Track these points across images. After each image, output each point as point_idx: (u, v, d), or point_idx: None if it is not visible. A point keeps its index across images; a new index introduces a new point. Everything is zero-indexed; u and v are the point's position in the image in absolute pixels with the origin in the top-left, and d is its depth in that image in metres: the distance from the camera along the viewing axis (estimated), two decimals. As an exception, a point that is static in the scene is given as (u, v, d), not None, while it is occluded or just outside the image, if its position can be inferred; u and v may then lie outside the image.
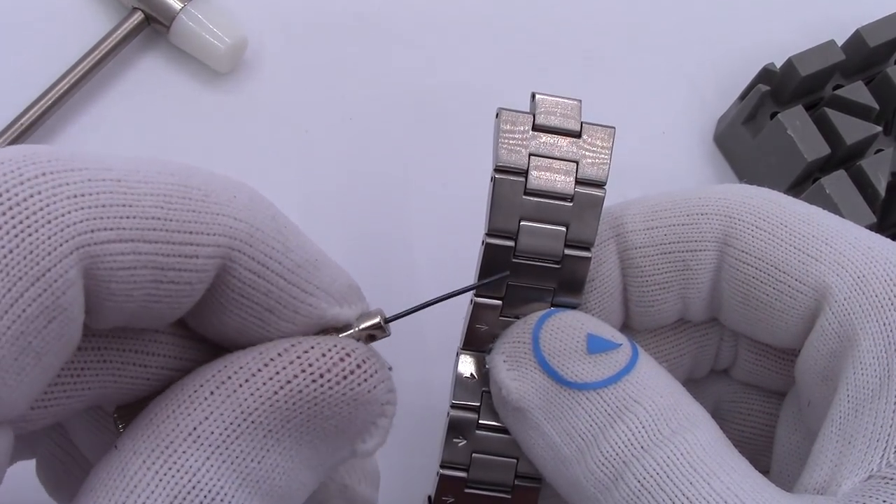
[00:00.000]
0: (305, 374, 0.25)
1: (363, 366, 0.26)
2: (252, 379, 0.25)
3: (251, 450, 0.24)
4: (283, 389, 0.25)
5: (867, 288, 0.29)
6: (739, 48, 0.54)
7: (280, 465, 0.25)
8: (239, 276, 0.25)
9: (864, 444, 0.27)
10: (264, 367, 0.25)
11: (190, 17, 0.48)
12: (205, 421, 0.24)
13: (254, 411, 0.24)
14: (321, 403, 0.25)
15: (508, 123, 0.30)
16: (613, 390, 0.29)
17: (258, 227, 0.25)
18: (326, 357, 0.26)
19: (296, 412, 0.25)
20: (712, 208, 0.32)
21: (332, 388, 0.25)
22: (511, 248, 0.31)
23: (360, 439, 0.27)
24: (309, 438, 0.26)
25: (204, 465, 0.24)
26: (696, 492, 0.26)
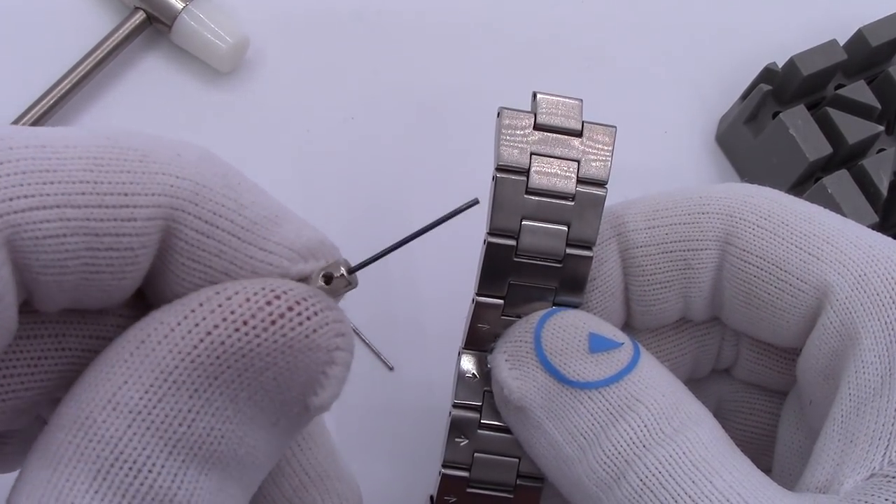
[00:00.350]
0: (227, 323, 0.22)
1: (296, 308, 0.23)
2: (170, 335, 0.22)
3: (177, 413, 0.22)
4: (204, 343, 0.22)
5: (868, 286, 0.29)
6: (741, 47, 0.54)
7: (216, 428, 0.22)
8: (186, 237, 0.23)
9: (866, 442, 0.27)
10: (183, 319, 0.22)
11: (192, 16, 0.48)
12: (123, 386, 0.22)
13: (174, 370, 0.22)
14: (250, 354, 0.22)
15: (510, 122, 0.30)
16: (615, 389, 0.29)
17: (205, 184, 0.23)
18: (251, 301, 0.22)
19: (222, 367, 0.22)
20: (713, 207, 0.32)
21: (260, 335, 0.22)
22: (513, 247, 0.31)
23: (311, 392, 0.24)
24: (246, 395, 0.23)
25: (125, 434, 0.22)
26: (699, 490, 0.26)
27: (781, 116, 0.48)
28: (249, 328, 0.22)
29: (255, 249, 0.24)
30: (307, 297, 0.23)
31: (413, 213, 0.48)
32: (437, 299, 0.47)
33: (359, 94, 0.51)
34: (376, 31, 0.52)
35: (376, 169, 0.49)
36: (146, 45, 0.50)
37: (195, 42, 0.48)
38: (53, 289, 0.22)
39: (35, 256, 0.21)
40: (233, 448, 0.23)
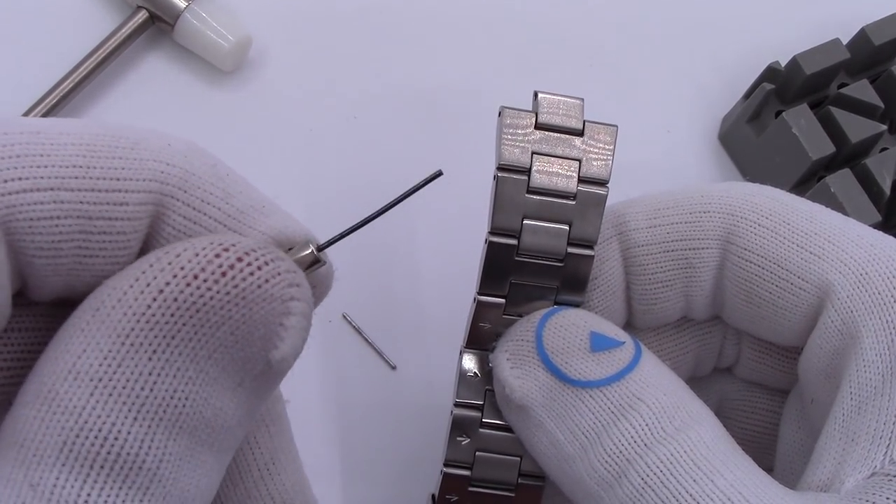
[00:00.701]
0: (177, 280, 0.21)
1: (245, 258, 0.22)
2: (123, 298, 0.21)
3: (137, 376, 0.21)
4: (157, 301, 0.21)
5: (870, 285, 0.29)
6: (744, 46, 0.54)
7: (179, 390, 0.22)
8: (174, 223, 0.23)
9: (868, 441, 0.27)
10: (135, 281, 0.22)
11: (194, 15, 0.48)
12: (82, 355, 0.21)
13: (130, 332, 0.21)
14: (204, 309, 0.22)
15: (511, 122, 0.30)
16: (616, 388, 0.29)
17: (194, 172, 0.24)
18: (199, 256, 0.22)
19: (177, 325, 0.22)
20: (715, 206, 0.32)
21: (211, 287, 0.22)
22: (514, 246, 0.31)
23: (271, 346, 0.23)
24: (206, 353, 0.22)
25: (88, 402, 0.21)
26: (700, 489, 0.26)
27: (784, 115, 0.47)
28: (200, 282, 0.22)
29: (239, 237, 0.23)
30: (256, 248, 0.23)
31: (415, 211, 0.48)
32: (439, 298, 0.47)
33: (361, 94, 0.51)
34: (379, 30, 0.52)
35: (379, 167, 0.49)
36: (149, 44, 0.50)
37: (198, 41, 0.48)
38: (48, 273, 0.22)
39: (30, 238, 0.22)
40: (198, 410, 0.22)
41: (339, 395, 0.44)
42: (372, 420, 0.44)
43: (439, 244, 0.48)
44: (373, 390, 0.45)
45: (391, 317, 0.46)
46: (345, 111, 0.50)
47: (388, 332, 0.46)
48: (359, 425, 0.44)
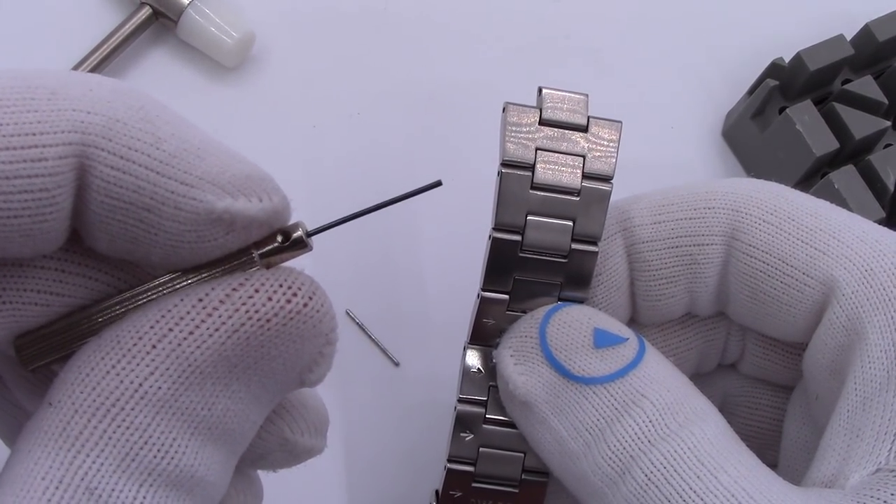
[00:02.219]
0: (252, 322, 0.23)
1: (310, 303, 0.24)
2: (196, 331, 0.23)
3: (200, 399, 0.23)
4: (231, 339, 0.23)
5: (875, 281, 0.29)
6: (748, 43, 0.54)
7: (230, 409, 0.24)
8: (101, 174, 0.22)
9: (872, 437, 0.27)
10: (208, 317, 0.23)
11: (198, 11, 0.48)
12: (150, 377, 0.23)
13: (201, 363, 0.23)
14: (268, 345, 0.24)
15: (515, 118, 0.30)
16: (620, 384, 0.29)
17: (118, 118, 0.23)
18: (273, 301, 0.24)
19: (243, 357, 0.24)
20: (719, 202, 0.32)
21: (280, 330, 0.24)
22: (518, 242, 0.31)
23: (307, 370, 0.25)
24: (258, 379, 0.24)
25: (153, 420, 0.23)
26: (704, 485, 0.26)
27: (788, 111, 0.47)
28: (273, 324, 0.24)
29: (175, 184, 0.23)
30: (315, 293, 0.24)
31: (419, 209, 0.48)
32: (443, 295, 0.47)
33: (365, 90, 0.51)
34: (382, 26, 0.52)
35: (382, 164, 0.49)
36: (152, 40, 0.50)
37: (201, 37, 0.48)
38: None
39: None
40: (240, 424, 0.25)
41: (343, 391, 0.44)
42: (376, 416, 0.44)
43: (443, 241, 0.48)
44: (376, 387, 0.45)
45: (395, 314, 0.46)
46: (348, 107, 0.50)
47: (392, 329, 0.46)
48: (362, 421, 0.44)
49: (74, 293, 0.25)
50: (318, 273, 0.46)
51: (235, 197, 0.24)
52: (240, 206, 0.24)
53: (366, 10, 0.52)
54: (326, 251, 0.47)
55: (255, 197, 0.24)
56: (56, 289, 0.25)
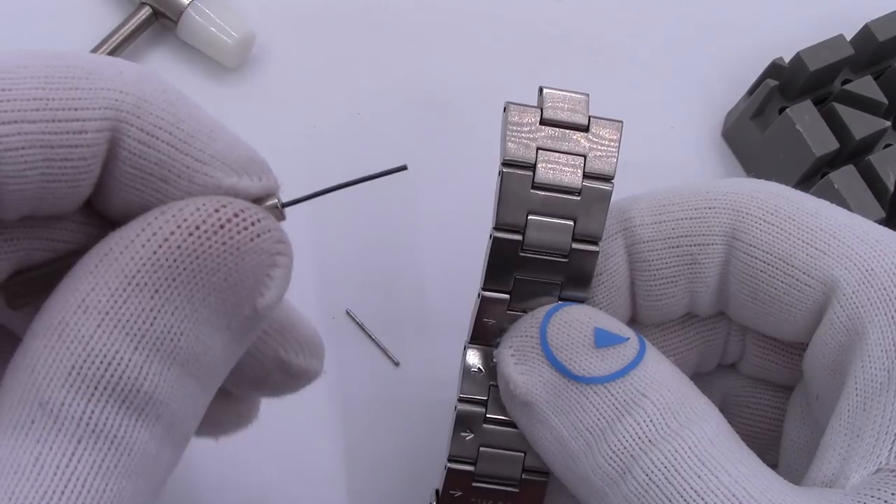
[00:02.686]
0: (181, 230, 0.25)
1: (241, 215, 0.25)
2: (131, 244, 0.25)
3: (141, 311, 0.24)
4: (162, 248, 0.24)
5: (875, 281, 0.29)
6: (748, 43, 0.54)
7: (176, 326, 0.25)
8: (129, 147, 0.25)
9: (873, 437, 0.27)
10: (142, 231, 0.25)
11: (198, 11, 0.48)
12: (91, 291, 0.24)
13: (136, 273, 0.24)
14: (202, 256, 0.25)
15: (516, 117, 0.30)
16: (621, 384, 0.29)
17: (146, 98, 0.25)
18: (200, 210, 0.25)
19: (179, 268, 0.25)
20: (720, 202, 0.32)
21: (210, 238, 0.25)
22: (518, 241, 0.31)
23: (258, 294, 0.26)
24: (201, 295, 0.25)
25: (96, 332, 0.24)
26: (704, 485, 0.26)
27: (788, 112, 0.47)
28: (201, 232, 0.25)
29: (191, 160, 0.26)
30: (247, 208, 0.26)
31: (419, 208, 0.48)
32: (443, 294, 0.47)
33: (365, 90, 0.51)
34: (382, 25, 0.52)
35: (383, 164, 0.49)
36: (152, 40, 0.50)
37: (201, 37, 0.48)
38: (15, 197, 0.24)
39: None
40: (190, 345, 0.25)
41: (343, 391, 0.44)
42: (376, 416, 0.44)
43: (444, 240, 0.48)
44: (376, 386, 0.45)
45: (395, 313, 0.46)
46: (348, 107, 0.50)
47: (392, 329, 0.46)
48: (362, 421, 0.44)
49: (76, 240, 0.27)
50: (318, 273, 0.46)
51: (240, 175, 0.27)
52: (243, 184, 0.27)
53: (366, 10, 0.52)
54: (326, 251, 0.47)
55: (255, 176, 0.27)
56: (63, 237, 0.27)
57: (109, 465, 0.24)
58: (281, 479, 0.43)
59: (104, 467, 0.24)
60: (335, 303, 0.46)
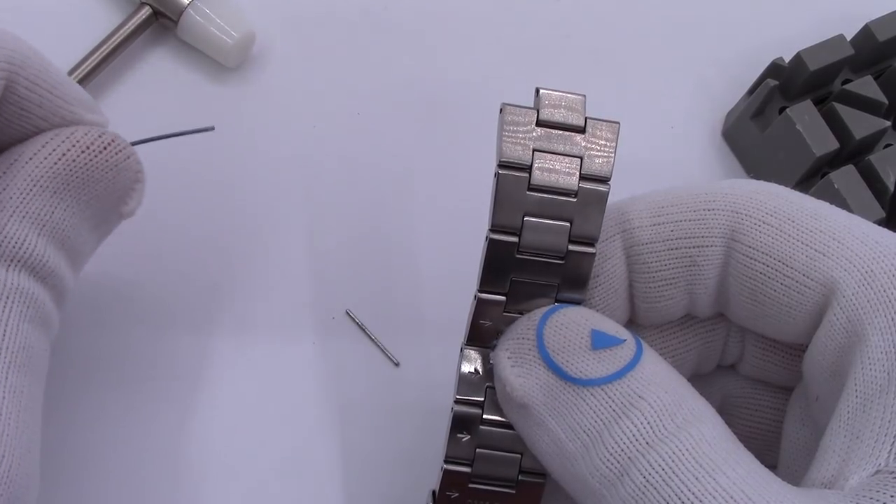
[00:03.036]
0: (76, 147, 0.33)
1: (115, 140, 0.34)
2: (36, 156, 0.33)
3: (43, 206, 0.32)
4: (61, 160, 0.33)
5: (875, 283, 0.29)
6: (748, 43, 0.54)
7: (66, 220, 0.33)
8: (18, 92, 0.32)
9: (872, 439, 0.27)
10: (42, 147, 0.33)
11: (198, 11, 0.48)
12: (4, 191, 0.32)
13: (41, 178, 0.32)
14: (90, 167, 0.33)
15: (512, 118, 0.30)
16: (618, 386, 0.29)
17: (27, 55, 0.32)
18: (88, 135, 0.34)
19: (72, 176, 0.33)
20: (719, 204, 0.32)
21: (96, 155, 0.34)
22: (514, 243, 0.31)
23: (123, 203, 0.35)
24: (86, 199, 0.34)
25: (9, 221, 0.32)
26: (702, 487, 0.26)
27: (788, 111, 0.47)
28: (90, 150, 0.34)
29: (62, 102, 0.34)
30: (118, 136, 0.35)
31: (418, 208, 0.48)
32: (444, 295, 0.47)
33: (365, 90, 0.51)
34: (383, 26, 0.52)
35: (383, 163, 0.49)
36: (152, 40, 0.50)
37: (201, 37, 0.48)
38: None
39: None
40: (74, 236, 0.34)
41: (342, 391, 0.44)
42: (375, 416, 0.44)
43: (444, 240, 0.48)
44: (376, 387, 0.45)
45: (395, 313, 0.46)
46: (348, 107, 0.50)
47: (392, 329, 0.46)
48: (362, 421, 0.44)
49: None
50: (318, 273, 0.46)
51: (93, 112, 0.35)
52: (96, 119, 0.35)
53: (366, 10, 0.52)
54: (326, 251, 0.47)
55: (98, 113, 0.35)
56: None
57: (29, 314, 0.32)
58: (279, 478, 0.43)
59: (26, 315, 0.32)
60: (335, 303, 0.46)
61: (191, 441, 0.43)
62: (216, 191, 0.47)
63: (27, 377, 0.31)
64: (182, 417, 0.43)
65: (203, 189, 0.47)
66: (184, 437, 0.43)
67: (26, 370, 0.31)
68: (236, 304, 0.45)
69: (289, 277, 0.46)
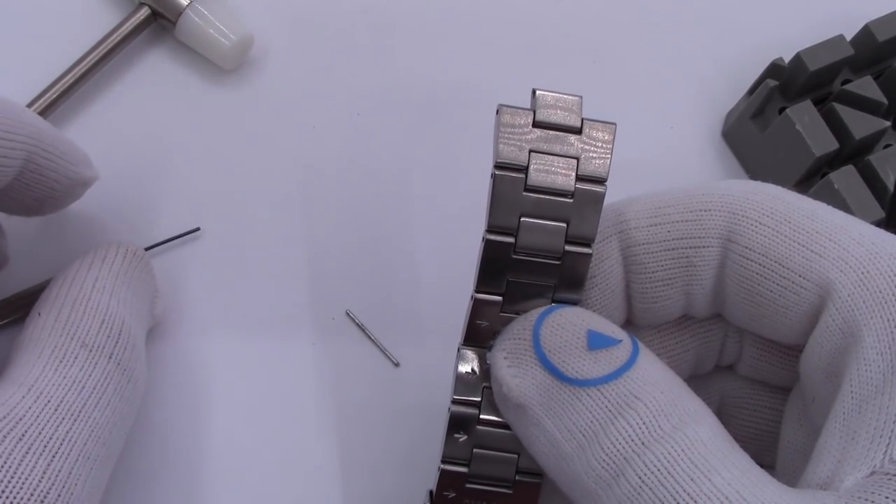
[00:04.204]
0: (128, 255, 0.40)
1: (138, 252, 0.41)
2: (107, 257, 0.39)
3: (124, 292, 0.39)
4: (125, 260, 0.40)
5: (871, 284, 0.29)
6: (748, 43, 0.54)
7: (134, 301, 0.39)
8: (38, 161, 0.37)
9: (867, 440, 0.27)
10: (109, 252, 0.40)
11: (196, 13, 0.48)
12: (98, 278, 0.38)
13: (119, 271, 0.39)
14: (136, 269, 0.40)
15: (509, 120, 0.30)
16: (614, 386, 0.29)
17: (43, 129, 0.37)
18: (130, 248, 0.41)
19: (132, 273, 0.40)
20: (716, 205, 0.32)
21: (137, 261, 0.41)
22: (511, 244, 0.31)
23: (154, 305, 0.42)
24: (136, 287, 0.40)
25: (109, 303, 0.37)
26: (697, 488, 0.26)
27: (788, 112, 0.47)
28: (134, 258, 0.40)
29: (69, 164, 0.39)
30: (141, 248, 0.41)
31: (417, 209, 0.48)
32: (444, 295, 0.47)
33: (363, 91, 0.51)
34: (381, 27, 0.52)
35: (382, 164, 0.49)
36: (150, 41, 0.50)
37: (199, 39, 0.48)
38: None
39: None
40: (137, 313, 0.39)
41: (342, 391, 0.44)
42: (375, 417, 0.44)
43: (445, 240, 0.48)
44: (376, 387, 0.45)
45: (395, 314, 0.46)
46: (347, 108, 0.50)
47: (392, 330, 0.46)
48: (361, 422, 0.44)
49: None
50: (317, 274, 0.46)
51: (89, 168, 0.40)
52: (91, 174, 0.40)
53: (365, 11, 0.52)
54: (326, 252, 0.47)
55: (92, 168, 0.41)
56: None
57: (123, 383, 0.36)
58: (279, 478, 0.43)
59: (121, 384, 0.36)
60: (335, 303, 0.46)
61: (191, 441, 0.43)
62: (215, 192, 0.47)
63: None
64: (182, 418, 0.43)
65: (202, 190, 0.47)
66: (184, 437, 0.43)
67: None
68: (236, 305, 0.45)
69: (288, 278, 0.46)
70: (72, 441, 0.32)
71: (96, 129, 0.48)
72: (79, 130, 0.48)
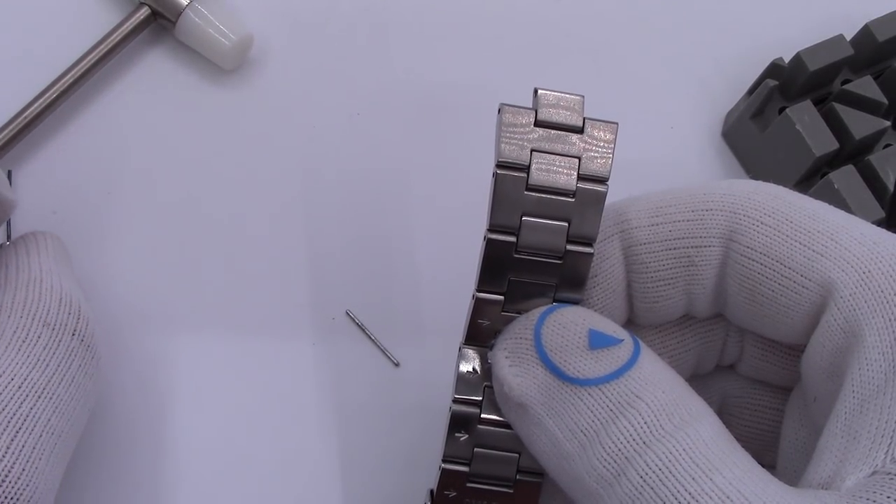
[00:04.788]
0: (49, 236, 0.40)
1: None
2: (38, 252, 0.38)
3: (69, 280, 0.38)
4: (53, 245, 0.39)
5: (872, 283, 0.29)
6: (748, 43, 0.54)
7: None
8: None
9: (869, 439, 0.27)
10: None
11: (196, 13, 0.48)
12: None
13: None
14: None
15: (510, 119, 0.30)
16: (615, 386, 0.29)
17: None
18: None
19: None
20: (717, 204, 0.32)
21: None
22: (513, 243, 0.31)
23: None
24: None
25: (63, 284, 0.37)
26: (699, 487, 0.26)
27: (788, 112, 0.47)
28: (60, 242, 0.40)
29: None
30: None
31: (418, 209, 0.48)
32: (444, 295, 0.47)
33: (363, 91, 0.51)
34: (381, 26, 0.52)
35: (382, 164, 0.49)
36: (150, 41, 0.50)
37: (199, 39, 0.48)
38: None
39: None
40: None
41: (343, 391, 0.44)
42: (375, 417, 0.44)
43: (445, 240, 0.48)
44: (376, 387, 0.45)
45: (395, 314, 0.46)
46: (347, 108, 0.50)
47: (392, 330, 0.46)
48: (361, 422, 0.44)
49: None
50: (317, 274, 0.46)
51: (7, 190, 0.38)
52: (9, 195, 0.38)
53: (365, 11, 0.52)
54: (326, 252, 0.47)
55: (9, 189, 0.38)
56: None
57: (87, 359, 0.36)
58: (279, 478, 0.43)
59: (85, 360, 0.36)
60: (335, 303, 0.46)
61: (191, 441, 0.43)
62: (215, 192, 0.47)
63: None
64: (182, 418, 0.43)
65: (202, 190, 0.47)
66: (184, 437, 0.43)
67: None
68: (236, 306, 0.45)
69: (288, 279, 0.46)
70: (35, 417, 0.33)
71: (96, 129, 0.48)
72: (79, 130, 0.48)
